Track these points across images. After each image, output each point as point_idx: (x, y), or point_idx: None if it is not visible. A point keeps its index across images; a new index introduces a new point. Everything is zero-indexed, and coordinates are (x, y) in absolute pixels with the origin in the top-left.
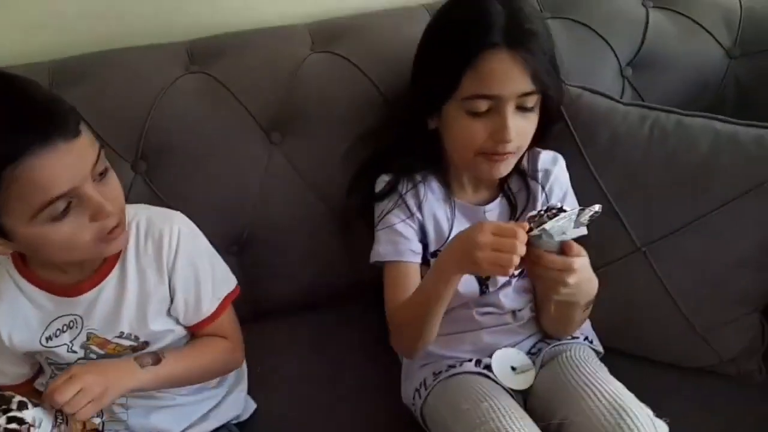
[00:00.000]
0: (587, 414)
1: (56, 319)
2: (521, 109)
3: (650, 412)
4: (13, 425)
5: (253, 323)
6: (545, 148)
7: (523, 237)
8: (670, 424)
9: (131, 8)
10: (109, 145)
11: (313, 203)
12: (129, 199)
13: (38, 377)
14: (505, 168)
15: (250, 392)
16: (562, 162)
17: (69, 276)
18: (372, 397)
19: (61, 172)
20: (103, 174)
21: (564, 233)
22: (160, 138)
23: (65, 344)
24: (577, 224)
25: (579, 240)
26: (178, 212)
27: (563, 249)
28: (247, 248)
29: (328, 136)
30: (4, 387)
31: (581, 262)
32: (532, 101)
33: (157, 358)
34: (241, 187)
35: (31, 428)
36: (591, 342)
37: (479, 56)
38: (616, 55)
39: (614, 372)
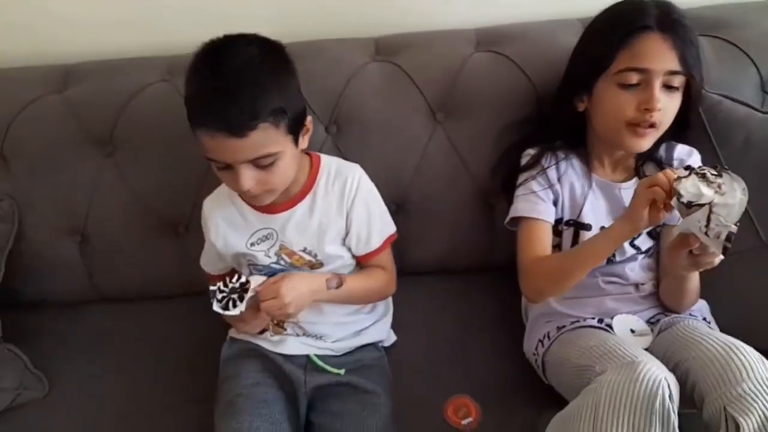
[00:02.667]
0: (702, 352)
1: (258, 230)
2: (667, 87)
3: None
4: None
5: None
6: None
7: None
8: None
9: (334, 7)
10: (312, 111)
11: (463, 178)
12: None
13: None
14: (648, 142)
15: (393, 327)
16: (697, 155)
17: None
18: (495, 350)
19: (219, 151)
20: (268, 165)
21: (701, 194)
22: (350, 109)
23: (263, 250)
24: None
25: None
26: (359, 165)
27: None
28: (402, 209)
29: (485, 121)
30: (212, 276)
31: None
32: (678, 81)
33: (340, 282)
34: (406, 155)
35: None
36: (708, 322)
37: (633, 36)
38: (758, 71)
39: None
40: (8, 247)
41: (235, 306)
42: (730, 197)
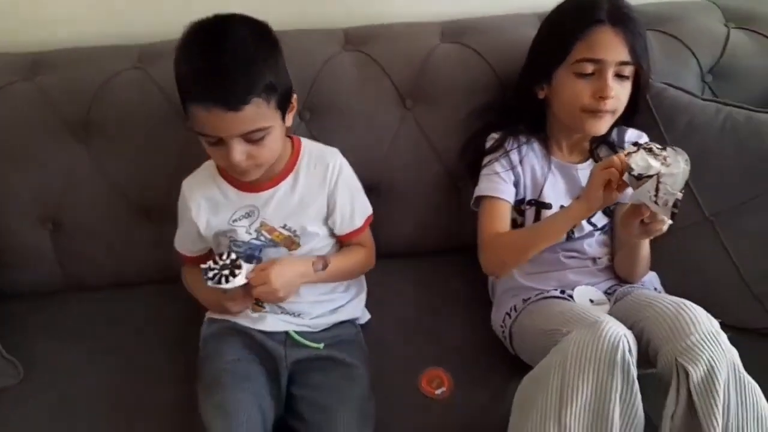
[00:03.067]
0: (654, 311)
1: (240, 207)
2: (619, 76)
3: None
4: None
5: None
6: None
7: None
8: None
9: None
10: None
11: (432, 162)
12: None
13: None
14: (604, 125)
15: (367, 305)
16: (645, 138)
17: None
18: (465, 325)
19: (213, 125)
20: (258, 140)
21: (650, 166)
22: (322, 96)
23: (244, 227)
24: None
25: None
26: (337, 149)
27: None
28: (373, 192)
29: (452, 108)
30: (187, 257)
31: None
32: (628, 71)
33: (325, 264)
34: (377, 140)
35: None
36: (659, 292)
37: (588, 29)
38: (698, 63)
39: None
40: None
41: (227, 281)
42: (674, 168)
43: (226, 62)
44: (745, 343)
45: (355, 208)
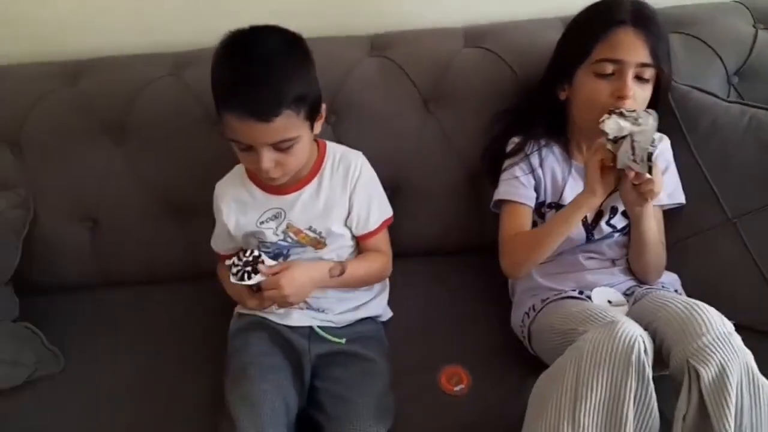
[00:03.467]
0: (668, 311)
1: (268, 210)
2: (639, 79)
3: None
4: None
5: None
6: None
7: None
8: None
9: (326, 8)
10: None
11: (454, 164)
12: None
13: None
14: None
15: (389, 303)
16: (667, 141)
17: None
18: (485, 324)
19: (245, 133)
20: (287, 148)
21: (621, 127)
22: (348, 100)
23: (271, 228)
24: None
25: (674, 211)
26: (361, 152)
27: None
28: (396, 193)
29: (474, 111)
30: (221, 255)
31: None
32: (648, 73)
33: (342, 270)
34: (400, 143)
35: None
36: (679, 294)
37: (610, 30)
38: (724, 65)
39: None
40: (24, 232)
41: (250, 278)
42: (645, 125)
43: (258, 74)
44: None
45: (372, 210)
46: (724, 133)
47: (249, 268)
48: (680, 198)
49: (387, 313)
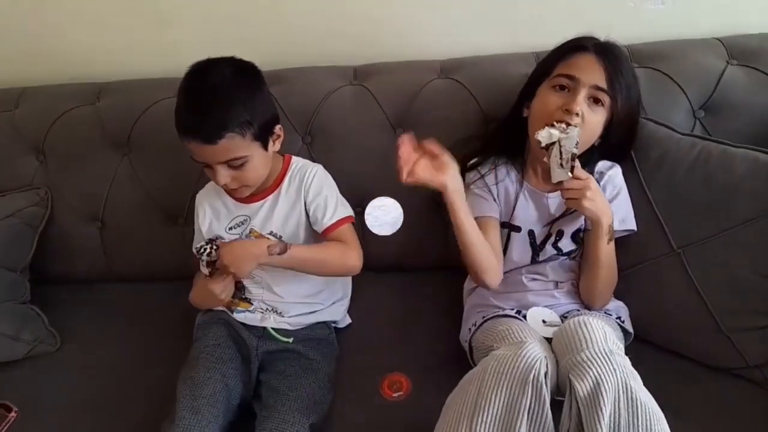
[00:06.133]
0: (561, 329)
1: (236, 217)
2: (592, 99)
3: (619, 346)
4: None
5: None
6: None
7: None
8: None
9: (322, 41)
10: (291, 123)
11: (419, 187)
12: None
13: None
14: None
15: (350, 311)
16: (618, 168)
17: None
18: (436, 337)
19: (198, 154)
20: (240, 165)
21: (551, 134)
22: (322, 124)
23: (237, 234)
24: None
25: (623, 239)
26: (320, 164)
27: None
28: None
29: (437, 136)
30: None
31: (590, 181)
32: (602, 98)
33: (284, 249)
34: (369, 163)
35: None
36: (622, 321)
37: (574, 53)
38: (688, 99)
39: (639, 359)
40: (41, 227)
41: (209, 255)
42: (571, 133)
43: (204, 101)
44: (713, 379)
45: (328, 208)
46: (673, 164)
47: (208, 246)
48: (631, 225)
49: (345, 320)
